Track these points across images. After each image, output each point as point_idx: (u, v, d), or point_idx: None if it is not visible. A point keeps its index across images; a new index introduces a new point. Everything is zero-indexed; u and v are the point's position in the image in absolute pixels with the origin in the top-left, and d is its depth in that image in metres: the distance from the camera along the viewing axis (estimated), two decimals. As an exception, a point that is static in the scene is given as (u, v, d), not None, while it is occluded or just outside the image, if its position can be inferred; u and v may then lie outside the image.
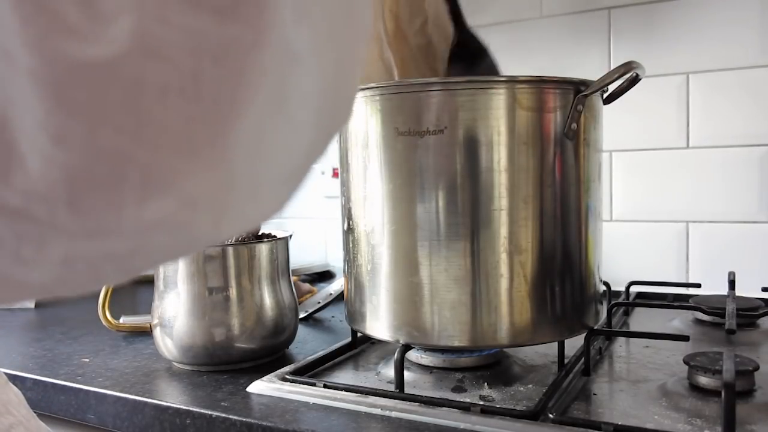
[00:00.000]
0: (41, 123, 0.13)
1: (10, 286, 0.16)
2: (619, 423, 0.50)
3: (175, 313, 0.67)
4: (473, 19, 0.72)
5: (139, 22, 0.13)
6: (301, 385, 0.60)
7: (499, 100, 0.56)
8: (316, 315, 0.92)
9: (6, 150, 0.13)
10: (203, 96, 0.14)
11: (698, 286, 0.92)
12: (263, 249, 0.70)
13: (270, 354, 0.70)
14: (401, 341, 0.60)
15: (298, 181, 0.20)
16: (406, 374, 0.61)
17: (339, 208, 0.67)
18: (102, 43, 0.13)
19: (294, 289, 0.75)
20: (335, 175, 1.28)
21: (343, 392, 0.58)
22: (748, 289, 0.89)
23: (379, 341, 0.72)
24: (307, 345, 0.77)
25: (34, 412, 0.44)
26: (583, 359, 0.64)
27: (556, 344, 0.64)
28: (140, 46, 0.13)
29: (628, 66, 0.59)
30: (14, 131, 0.13)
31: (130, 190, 0.14)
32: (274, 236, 0.74)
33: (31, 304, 1.03)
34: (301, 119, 0.18)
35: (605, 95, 0.64)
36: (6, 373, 0.57)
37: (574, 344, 0.66)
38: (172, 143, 0.14)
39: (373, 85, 0.61)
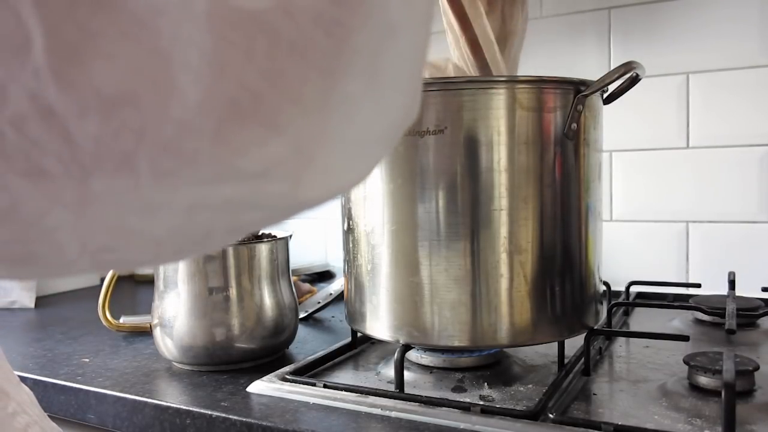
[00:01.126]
0: (207, 57, 0.15)
1: (127, 241, 0.17)
2: (619, 423, 0.50)
3: (175, 313, 0.67)
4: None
5: None
6: (301, 385, 0.60)
7: (499, 100, 0.56)
8: (316, 315, 0.92)
9: (168, 84, 0.15)
10: (315, 60, 0.17)
11: (698, 286, 0.92)
12: (263, 249, 0.70)
13: (270, 354, 0.70)
14: (401, 341, 0.60)
15: (388, 144, 0.23)
16: (406, 374, 0.61)
17: (339, 208, 0.67)
18: None
19: (294, 289, 0.75)
20: (335, 175, 1.28)
21: (343, 392, 0.58)
22: (748, 289, 0.89)
23: (379, 341, 0.72)
24: (307, 345, 0.77)
25: (35, 412, 0.44)
26: (583, 359, 0.64)
27: (556, 344, 0.64)
28: (281, 5, 0.16)
29: (628, 66, 0.59)
30: (177, 66, 0.15)
31: (259, 127, 0.17)
32: (274, 236, 0.74)
33: (31, 304, 1.03)
34: (392, 85, 0.21)
35: (605, 95, 0.64)
36: (6, 373, 0.56)
37: (574, 344, 0.66)
38: (291, 93, 0.17)
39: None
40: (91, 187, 0.15)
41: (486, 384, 0.61)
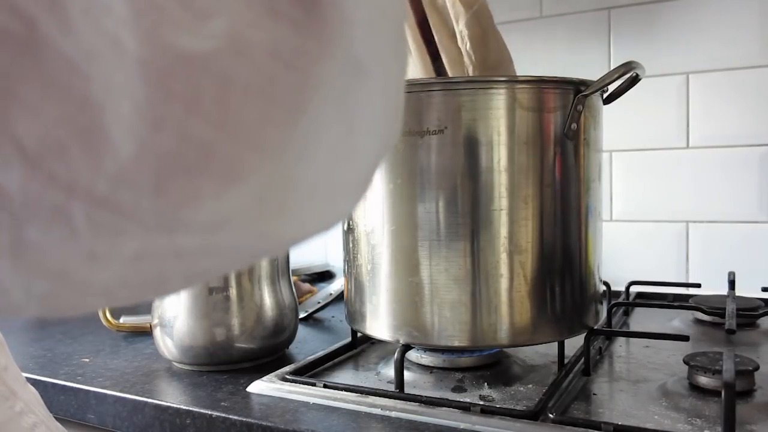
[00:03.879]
0: (141, 109, 0.13)
1: (73, 288, 0.16)
2: (619, 423, 0.50)
3: (175, 313, 0.67)
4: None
5: (232, 22, 0.14)
6: (301, 385, 0.60)
7: (499, 100, 0.56)
8: (316, 315, 0.92)
9: (99, 136, 0.14)
10: (276, 97, 0.15)
11: (698, 286, 0.92)
12: (263, 249, 0.70)
13: (270, 354, 0.70)
14: (401, 341, 0.60)
15: (359, 191, 0.21)
16: (406, 374, 0.61)
17: (339, 208, 0.66)
18: (201, 37, 0.14)
19: (294, 289, 0.75)
20: (335, 175, 1.28)
21: (343, 392, 0.58)
22: (748, 289, 0.89)
23: (379, 341, 0.72)
24: (307, 345, 0.77)
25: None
26: (583, 359, 0.64)
27: (556, 344, 0.64)
28: (231, 45, 0.14)
29: (628, 66, 0.59)
30: (109, 117, 0.13)
31: (210, 179, 0.15)
32: (274, 236, 0.74)
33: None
34: (364, 128, 0.19)
35: (605, 95, 0.64)
36: (6, 373, 0.56)
37: (574, 344, 0.66)
38: (249, 138, 0.15)
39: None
40: (25, 236, 0.14)
41: (486, 384, 0.61)
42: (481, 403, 0.55)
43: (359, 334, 0.72)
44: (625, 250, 1.06)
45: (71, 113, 0.13)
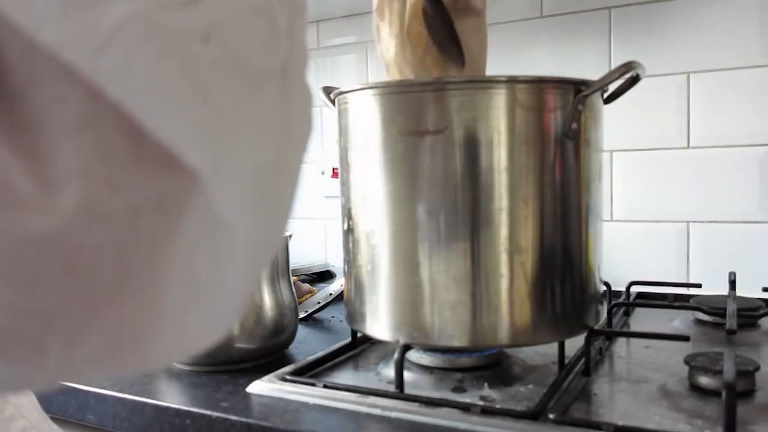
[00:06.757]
0: None
1: None
2: (620, 423, 0.50)
3: (174, 313, 0.67)
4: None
5: (86, 188, 0.13)
6: (301, 386, 0.60)
7: (499, 99, 0.56)
8: (316, 315, 0.92)
9: None
10: (139, 245, 0.15)
11: (699, 286, 0.92)
12: (263, 249, 0.70)
13: (270, 354, 0.70)
14: (401, 341, 0.60)
15: (227, 316, 0.21)
16: (406, 374, 0.61)
17: (339, 208, 0.67)
18: (49, 214, 0.13)
19: (294, 289, 0.75)
20: (335, 175, 1.28)
21: (343, 392, 0.58)
22: (748, 289, 0.88)
23: (379, 341, 0.72)
24: (307, 345, 0.77)
25: (33, 413, 0.44)
26: (583, 359, 0.64)
27: (556, 344, 0.64)
28: (85, 213, 0.13)
29: (628, 66, 0.59)
30: None
31: (56, 340, 0.15)
32: (274, 236, 0.74)
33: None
34: (227, 273, 0.19)
35: (605, 95, 0.64)
36: (5, 374, 0.56)
37: (574, 344, 0.66)
38: (102, 294, 0.15)
39: (372, 84, 0.61)
40: None
41: (486, 384, 0.61)
42: (482, 403, 0.55)
43: (359, 334, 0.72)
44: (625, 250, 1.06)
45: None
